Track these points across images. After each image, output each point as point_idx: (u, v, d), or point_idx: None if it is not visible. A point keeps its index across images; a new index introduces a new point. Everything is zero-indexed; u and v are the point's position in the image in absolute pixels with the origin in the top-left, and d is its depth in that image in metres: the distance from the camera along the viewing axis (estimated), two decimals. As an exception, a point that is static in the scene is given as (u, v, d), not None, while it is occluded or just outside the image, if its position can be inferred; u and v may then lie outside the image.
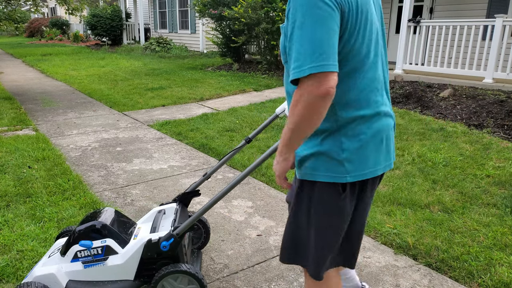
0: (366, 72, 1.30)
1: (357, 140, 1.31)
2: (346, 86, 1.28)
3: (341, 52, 1.23)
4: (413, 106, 6.30)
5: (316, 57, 1.14)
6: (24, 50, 17.41)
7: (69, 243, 1.94)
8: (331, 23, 1.16)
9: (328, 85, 1.15)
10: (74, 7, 9.56)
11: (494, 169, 3.79)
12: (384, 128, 1.37)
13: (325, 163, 1.32)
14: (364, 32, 1.26)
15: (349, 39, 1.23)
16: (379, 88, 1.35)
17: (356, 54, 1.26)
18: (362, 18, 1.24)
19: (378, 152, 1.36)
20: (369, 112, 1.32)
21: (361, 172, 1.33)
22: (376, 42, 1.32)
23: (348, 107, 1.30)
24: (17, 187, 3.43)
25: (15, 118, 5.83)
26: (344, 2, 1.19)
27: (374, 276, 2.31)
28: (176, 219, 2.01)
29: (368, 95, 1.31)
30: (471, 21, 7.55)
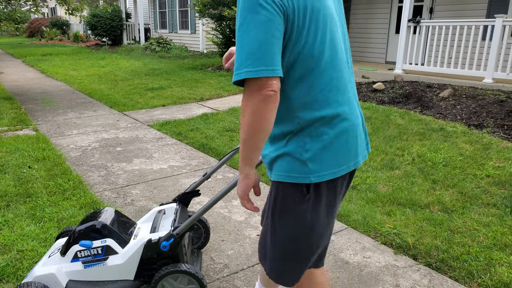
0: (323, 72, 1.27)
1: (320, 140, 1.30)
2: (303, 88, 1.27)
3: (292, 54, 1.22)
4: (413, 106, 6.31)
5: (253, 62, 1.14)
6: (24, 50, 17.41)
7: (69, 243, 1.94)
8: (271, 27, 1.15)
9: (268, 89, 1.16)
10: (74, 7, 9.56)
11: (494, 169, 3.79)
12: (348, 128, 1.34)
13: (289, 164, 1.32)
14: (316, 32, 1.23)
15: (297, 40, 1.21)
16: (340, 87, 1.32)
17: (309, 55, 1.24)
18: (312, 18, 1.22)
19: (344, 151, 1.34)
20: (330, 112, 1.30)
21: (325, 172, 1.31)
22: (332, 40, 1.28)
23: (308, 108, 1.29)
24: (17, 187, 3.43)
25: (15, 118, 5.83)
26: (287, 4, 1.17)
27: (374, 276, 2.32)
28: (176, 219, 2.01)
29: (327, 95, 1.29)
30: (471, 21, 7.55)
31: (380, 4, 10.87)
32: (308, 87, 1.27)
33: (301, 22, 1.20)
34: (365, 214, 2.99)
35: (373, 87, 7.65)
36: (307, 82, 1.27)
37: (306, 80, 1.27)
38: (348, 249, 2.59)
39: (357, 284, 2.25)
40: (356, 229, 2.83)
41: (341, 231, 2.82)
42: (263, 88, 1.16)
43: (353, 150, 1.37)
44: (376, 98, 6.99)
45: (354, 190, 3.43)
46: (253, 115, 1.19)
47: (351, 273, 2.35)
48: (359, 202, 3.21)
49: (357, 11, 11.44)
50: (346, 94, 1.35)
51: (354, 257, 2.51)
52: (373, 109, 6.17)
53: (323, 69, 1.27)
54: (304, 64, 1.24)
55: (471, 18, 8.40)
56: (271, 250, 1.46)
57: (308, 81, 1.27)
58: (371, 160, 4.08)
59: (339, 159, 1.33)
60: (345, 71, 1.35)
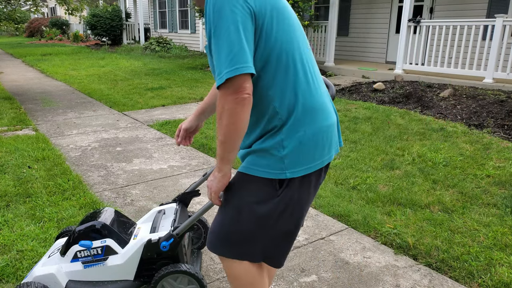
0: (294, 70, 1.33)
1: (297, 137, 1.35)
2: (278, 86, 1.33)
3: (263, 54, 1.29)
4: (413, 106, 6.30)
5: (229, 63, 1.21)
6: (24, 50, 17.41)
7: (69, 243, 1.94)
8: (242, 29, 1.22)
9: (243, 93, 1.23)
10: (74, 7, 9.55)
11: (494, 169, 3.79)
12: (325, 127, 1.40)
13: (265, 160, 1.37)
14: (283, 31, 1.31)
15: (267, 40, 1.29)
16: (311, 84, 1.38)
17: (280, 53, 1.31)
18: (279, 17, 1.30)
19: (319, 148, 1.39)
20: (308, 109, 1.35)
21: (300, 167, 1.37)
22: (297, 36, 1.36)
23: (286, 105, 1.34)
24: (17, 187, 3.43)
25: (15, 118, 5.83)
26: (254, 6, 1.25)
27: (374, 276, 2.31)
28: (176, 219, 2.00)
29: (303, 92, 1.35)
30: (471, 21, 7.55)
31: (380, 4, 10.87)
32: (282, 85, 1.33)
33: (269, 21, 1.28)
34: (365, 214, 2.99)
35: (373, 87, 7.64)
36: (280, 81, 1.33)
37: (279, 79, 1.33)
38: (348, 249, 2.59)
39: (357, 284, 2.25)
40: (356, 229, 2.83)
41: (341, 231, 2.81)
42: (238, 92, 1.23)
43: (327, 146, 1.42)
44: (376, 98, 6.99)
45: (354, 190, 3.43)
46: (230, 118, 1.26)
47: (351, 273, 2.35)
48: (359, 202, 3.21)
49: (357, 11, 11.44)
50: (320, 90, 1.42)
51: (354, 257, 2.51)
52: (373, 109, 6.17)
53: (295, 67, 1.34)
54: (276, 63, 1.31)
55: (471, 18, 8.40)
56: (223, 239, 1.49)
57: (281, 79, 1.33)
58: (371, 160, 4.08)
59: (315, 154, 1.38)
60: (316, 67, 1.44)
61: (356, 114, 5.89)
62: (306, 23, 9.52)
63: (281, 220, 1.44)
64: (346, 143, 4.65)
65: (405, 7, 8.40)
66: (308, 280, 2.27)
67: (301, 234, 2.76)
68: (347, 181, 3.61)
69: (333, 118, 1.46)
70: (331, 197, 3.28)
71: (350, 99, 7.09)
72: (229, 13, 1.22)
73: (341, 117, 5.72)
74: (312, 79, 1.39)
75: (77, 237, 1.91)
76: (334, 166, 3.94)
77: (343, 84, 8.51)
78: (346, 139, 4.76)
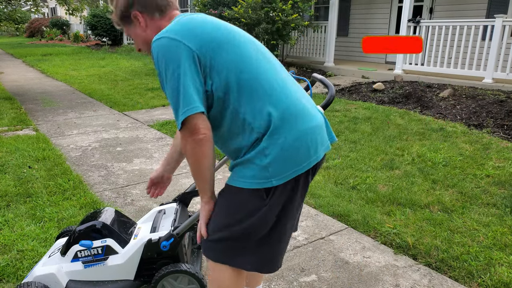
0: (258, 87, 1.36)
1: (278, 144, 1.35)
2: (247, 104, 1.35)
3: (220, 83, 1.34)
4: (413, 106, 6.31)
5: (180, 105, 1.30)
6: (24, 50, 17.41)
7: (69, 243, 1.94)
8: (187, 72, 1.30)
9: (199, 134, 1.31)
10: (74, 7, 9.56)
11: (494, 169, 3.79)
12: (308, 129, 1.39)
13: (250, 170, 1.38)
14: (236, 56, 1.36)
15: (219, 72, 1.34)
16: (281, 94, 1.39)
17: (239, 77, 1.35)
18: (227, 50, 1.35)
19: (303, 151, 1.38)
20: (285, 116, 1.36)
21: (286, 173, 1.36)
22: (251, 60, 1.39)
23: (260, 119, 1.35)
24: (17, 187, 3.44)
25: (16, 118, 5.83)
26: (197, 47, 1.32)
27: (374, 276, 2.32)
28: (176, 219, 2.01)
29: (275, 103, 1.36)
30: (471, 21, 7.56)
31: (380, 4, 10.87)
32: (251, 101, 1.36)
33: (215, 57, 1.34)
34: (365, 214, 2.99)
35: (373, 87, 7.65)
36: (248, 98, 1.36)
37: (246, 96, 1.35)
38: (348, 249, 2.59)
39: (357, 284, 2.25)
40: (356, 229, 2.84)
41: (341, 231, 2.82)
42: (194, 133, 1.32)
43: (313, 147, 1.41)
44: (376, 98, 6.99)
45: (354, 190, 3.43)
46: (193, 157, 1.36)
47: (351, 273, 2.35)
48: (359, 202, 3.22)
49: (357, 11, 11.44)
50: (295, 94, 1.43)
51: (354, 257, 2.51)
52: (373, 109, 6.17)
53: (258, 83, 1.36)
54: (238, 84, 1.35)
55: (471, 18, 8.40)
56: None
57: (248, 97, 1.36)
58: (371, 160, 4.09)
59: (299, 158, 1.38)
60: (285, 77, 1.45)
61: (356, 114, 5.90)
62: (306, 23, 9.52)
63: (273, 228, 1.43)
64: (346, 143, 4.65)
65: (405, 7, 8.41)
66: (308, 280, 2.28)
67: (301, 234, 2.77)
68: (347, 181, 3.62)
69: (317, 120, 1.45)
70: (331, 197, 3.28)
71: (350, 99, 7.09)
72: (173, 60, 1.30)
73: (341, 117, 5.73)
74: (281, 88, 1.40)
75: (78, 237, 1.92)
76: (334, 166, 3.95)
77: (343, 84, 8.51)
78: (346, 139, 4.77)
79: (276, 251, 1.50)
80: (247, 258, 1.48)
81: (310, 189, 3.43)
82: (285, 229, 1.47)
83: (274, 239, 1.47)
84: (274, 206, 1.40)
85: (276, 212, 1.41)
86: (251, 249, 1.46)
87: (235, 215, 1.43)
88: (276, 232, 1.45)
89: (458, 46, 7.70)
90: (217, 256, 1.50)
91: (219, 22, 1.44)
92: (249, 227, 1.42)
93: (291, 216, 1.47)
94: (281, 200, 1.40)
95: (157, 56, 1.34)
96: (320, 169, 3.88)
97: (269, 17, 9.28)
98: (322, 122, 1.49)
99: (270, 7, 9.11)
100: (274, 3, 9.10)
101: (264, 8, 9.07)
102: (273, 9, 9.15)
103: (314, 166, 1.45)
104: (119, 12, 1.56)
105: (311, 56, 11.14)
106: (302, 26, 9.72)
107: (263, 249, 1.47)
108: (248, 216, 1.41)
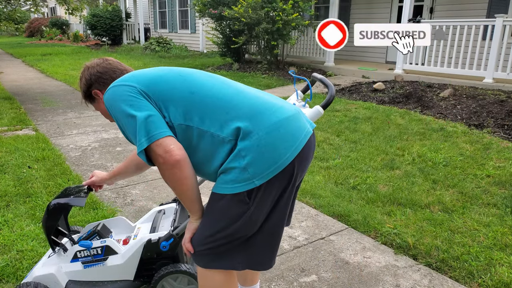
0: (210, 100, 1.39)
1: (253, 143, 1.33)
2: (209, 119, 1.37)
3: (177, 110, 1.37)
4: (413, 106, 6.30)
5: (144, 133, 1.31)
6: (24, 50, 17.40)
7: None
8: (140, 105, 1.34)
9: (172, 152, 1.30)
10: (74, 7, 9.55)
11: (494, 169, 3.78)
12: (282, 120, 1.38)
13: (230, 175, 1.36)
14: (182, 86, 1.41)
15: (167, 106, 1.38)
16: (236, 100, 1.40)
17: (190, 100, 1.39)
18: (171, 74, 1.45)
19: (282, 142, 1.35)
20: (250, 116, 1.36)
21: (268, 170, 1.34)
22: (197, 82, 1.45)
23: (226, 128, 1.35)
24: (17, 187, 3.43)
25: (15, 118, 5.83)
26: (141, 86, 1.38)
27: (374, 276, 2.31)
28: (176, 219, 2.00)
29: (233, 109, 1.37)
30: (471, 21, 7.55)
31: (380, 4, 10.87)
32: (211, 115, 1.37)
33: (158, 95, 1.39)
34: (365, 214, 2.99)
35: (374, 87, 7.64)
36: (208, 114, 1.37)
37: (207, 113, 1.37)
38: (348, 249, 2.59)
39: (357, 284, 2.25)
40: (356, 229, 2.83)
41: (341, 231, 2.81)
42: (167, 156, 1.30)
43: (290, 137, 1.38)
44: (377, 98, 6.99)
45: (354, 190, 3.43)
46: (174, 181, 1.36)
47: (351, 273, 2.35)
48: (359, 202, 3.21)
49: (357, 11, 11.44)
50: (245, 106, 1.41)
51: (354, 257, 2.51)
52: (373, 109, 6.17)
53: (208, 98, 1.39)
54: (191, 107, 1.38)
55: (471, 18, 8.39)
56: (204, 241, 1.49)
57: (207, 112, 1.37)
58: (371, 160, 4.08)
59: (278, 151, 1.35)
60: (232, 85, 1.49)
61: (356, 114, 5.89)
62: (307, 22, 9.51)
63: (263, 226, 1.43)
64: (346, 143, 4.65)
65: (405, 7, 8.40)
66: (308, 280, 2.27)
67: (301, 234, 2.76)
68: (347, 181, 3.61)
69: (288, 111, 1.43)
70: (331, 197, 3.28)
71: (350, 99, 7.09)
72: (124, 99, 1.36)
73: (341, 117, 5.72)
74: (234, 95, 1.42)
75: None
76: (334, 166, 3.94)
77: (343, 84, 8.51)
78: (346, 139, 4.76)
79: (268, 248, 1.49)
80: (238, 259, 1.47)
81: (310, 189, 3.42)
82: (276, 225, 1.46)
83: (265, 237, 1.46)
84: (261, 206, 1.38)
85: (265, 210, 1.40)
86: (241, 250, 1.45)
87: (219, 222, 1.41)
88: (267, 230, 1.44)
89: (458, 46, 7.69)
90: (206, 263, 1.49)
91: (160, 67, 1.53)
92: (235, 232, 1.40)
93: (281, 212, 1.45)
94: (268, 198, 1.38)
95: (109, 105, 1.40)
96: (320, 169, 3.88)
97: (269, 17, 9.27)
98: (295, 111, 1.46)
99: (270, 6, 9.10)
100: (275, 3, 9.09)
101: (265, 8, 9.06)
102: (273, 9, 9.14)
103: (302, 157, 1.40)
104: (82, 93, 1.77)
105: (311, 56, 11.13)
106: (303, 26, 9.72)
107: (254, 248, 1.46)
108: (232, 222, 1.39)
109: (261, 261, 1.51)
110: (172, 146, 1.31)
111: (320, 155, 4.25)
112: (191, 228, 1.49)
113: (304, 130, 1.43)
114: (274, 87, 8.47)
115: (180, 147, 1.33)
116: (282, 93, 7.77)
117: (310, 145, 1.46)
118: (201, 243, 1.46)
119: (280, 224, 1.48)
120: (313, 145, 1.50)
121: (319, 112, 1.78)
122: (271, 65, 10.39)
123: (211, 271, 1.50)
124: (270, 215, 1.42)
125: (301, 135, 1.41)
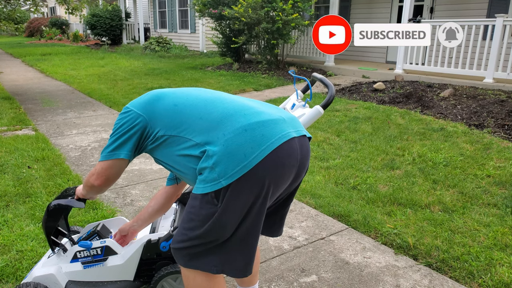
0: (188, 111, 1.47)
1: (220, 142, 1.36)
2: (192, 128, 1.43)
3: (168, 123, 1.46)
4: (414, 106, 6.30)
5: (111, 149, 1.51)
6: (23, 49, 17.39)
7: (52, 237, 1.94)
8: (130, 135, 1.50)
9: (101, 177, 1.57)
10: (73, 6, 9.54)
11: (495, 169, 3.78)
12: (253, 124, 1.38)
13: (202, 175, 1.38)
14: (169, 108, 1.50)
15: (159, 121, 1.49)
16: (210, 107, 1.47)
17: (175, 111, 1.48)
18: (175, 97, 1.54)
19: (249, 143, 1.34)
20: (220, 119, 1.41)
21: (234, 169, 1.33)
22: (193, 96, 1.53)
23: (197, 131, 1.41)
24: (17, 187, 3.43)
25: (15, 118, 5.82)
26: (140, 119, 1.50)
27: (374, 276, 2.31)
28: (175, 219, 2.00)
29: (204, 114, 1.45)
30: (471, 21, 7.55)
31: (380, 4, 10.86)
32: (190, 122, 1.44)
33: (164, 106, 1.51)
34: (365, 214, 2.98)
35: (374, 87, 7.64)
36: (190, 122, 1.44)
37: (189, 121, 1.44)
38: (349, 249, 2.58)
39: (358, 284, 2.25)
40: (357, 229, 2.83)
41: (341, 231, 2.81)
42: (98, 177, 1.57)
43: (259, 139, 1.35)
44: (377, 97, 6.98)
45: (354, 190, 3.42)
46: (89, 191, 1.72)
47: (352, 273, 2.34)
48: (360, 202, 3.21)
49: (357, 10, 11.43)
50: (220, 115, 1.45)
51: (354, 257, 2.50)
52: (373, 109, 6.16)
53: (187, 109, 1.48)
54: (174, 116, 1.47)
55: (471, 18, 8.39)
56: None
57: (188, 120, 1.44)
58: (372, 160, 4.08)
59: (244, 151, 1.33)
60: (209, 94, 1.56)
61: (356, 114, 5.89)
62: (307, 22, 9.50)
63: (237, 230, 1.41)
64: (346, 143, 4.65)
65: (405, 6, 8.40)
66: (308, 280, 2.27)
67: (301, 234, 2.76)
68: (347, 181, 3.61)
69: (268, 116, 1.42)
70: (331, 197, 3.27)
71: (350, 99, 7.08)
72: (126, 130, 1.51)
73: (341, 117, 5.72)
74: (209, 101, 1.49)
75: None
76: (334, 166, 3.94)
77: (343, 84, 8.50)
78: (346, 139, 4.76)
79: (241, 256, 1.47)
80: (213, 262, 1.47)
81: (310, 189, 3.42)
82: (248, 234, 1.43)
83: (238, 244, 1.44)
84: (230, 209, 1.36)
85: (235, 215, 1.38)
86: (216, 254, 1.45)
87: (192, 222, 1.43)
88: (239, 237, 1.43)
89: (458, 45, 7.68)
90: (186, 262, 1.50)
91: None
92: (206, 233, 1.41)
93: (254, 221, 1.41)
94: (237, 202, 1.35)
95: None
96: (320, 169, 3.87)
97: (269, 17, 9.26)
98: (278, 118, 1.44)
99: (271, 6, 9.09)
100: (275, 3, 9.08)
101: (265, 8, 9.05)
102: (273, 9, 9.14)
103: (276, 162, 1.36)
104: None
105: (311, 56, 11.13)
106: (303, 26, 9.71)
107: (228, 254, 1.45)
108: (203, 224, 1.40)
109: (235, 267, 1.48)
110: (118, 162, 1.53)
111: (320, 155, 4.25)
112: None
113: (279, 133, 1.39)
114: (274, 87, 8.47)
115: (115, 178, 1.60)
116: (282, 93, 7.76)
117: (292, 152, 1.40)
118: (178, 241, 1.48)
119: (253, 233, 1.44)
120: (296, 153, 1.42)
121: (319, 112, 1.78)
122: (271, 65, 10.39)
123: (192, 272, 1.51)
124: (242, 222, 1.41)
125: (273, 137, 1.37)
